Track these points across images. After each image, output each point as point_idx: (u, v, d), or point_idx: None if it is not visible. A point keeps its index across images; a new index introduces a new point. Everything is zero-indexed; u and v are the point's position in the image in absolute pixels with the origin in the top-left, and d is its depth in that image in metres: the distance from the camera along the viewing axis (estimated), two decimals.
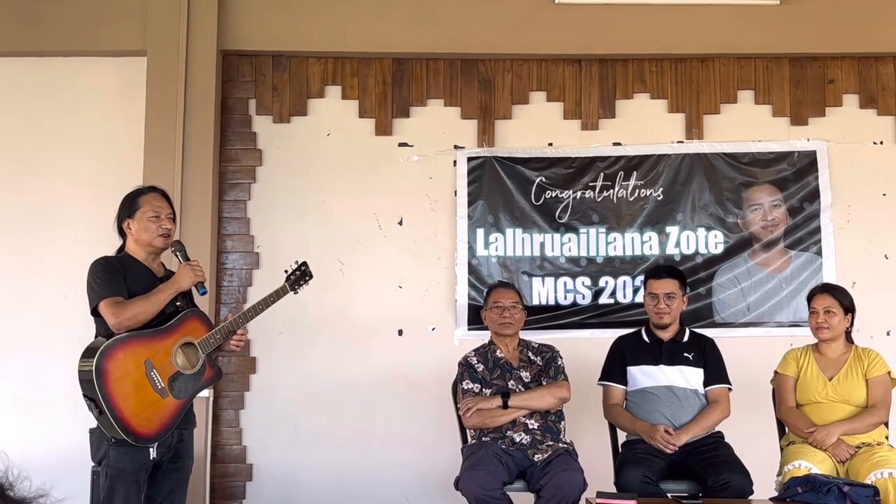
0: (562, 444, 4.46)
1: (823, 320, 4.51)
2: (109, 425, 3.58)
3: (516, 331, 4.72)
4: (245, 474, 5.57)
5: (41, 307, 5.58)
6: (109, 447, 3.64)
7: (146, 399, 3.66)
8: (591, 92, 5.81)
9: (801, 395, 4.53)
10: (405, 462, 5.53)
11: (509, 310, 4.69)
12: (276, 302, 4.13)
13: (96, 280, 3.79)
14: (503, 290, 4.86)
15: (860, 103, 5.80)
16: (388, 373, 5.61)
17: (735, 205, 5.72)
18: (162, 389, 3.71)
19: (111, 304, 3.72)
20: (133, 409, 3.61)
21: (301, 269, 4.31)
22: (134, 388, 3.63)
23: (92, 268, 3.86)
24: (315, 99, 5.83)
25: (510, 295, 4.77)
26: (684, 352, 4.69)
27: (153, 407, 3.68)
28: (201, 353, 3.86)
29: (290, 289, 4.23)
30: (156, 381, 3.69)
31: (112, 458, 3.64)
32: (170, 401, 3.73)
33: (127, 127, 5.64)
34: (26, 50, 5.73)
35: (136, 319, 3.72)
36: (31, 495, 1.24)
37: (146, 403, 3.65)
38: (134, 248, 3.94)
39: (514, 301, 4.73)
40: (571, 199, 5.73)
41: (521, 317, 4.75)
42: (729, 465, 4.30)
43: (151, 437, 3.67)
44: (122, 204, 4.00)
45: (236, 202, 5.75)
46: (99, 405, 3.55)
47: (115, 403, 3.56)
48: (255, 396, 5.63)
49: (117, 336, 3.68)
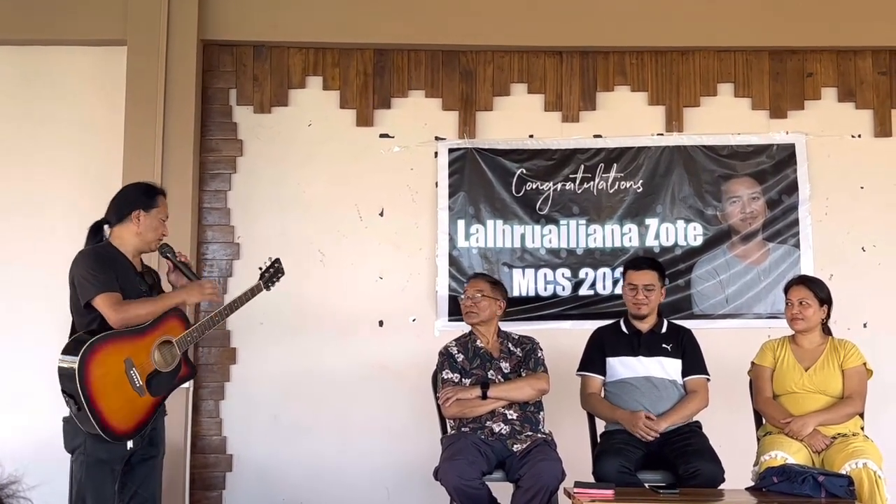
0: (540, 434, 4.48)
1: (798, 311, 4.55)
2: (86, 420, 3.57)
3: (481, 320, 4.69)
4: (225, 464, 5.57)
5: (19, 297, 5.55)
6: (87, 437, 3.64)
7: (124, 397, 3.66)
8: (571, 84, 5.83)
9: (778, 385, 4.57)
10: (385, 452, 5.54)
11: (472, 298, 4.70)
12: (250, 300, 4.16)
13: (91, 272, 3.73)
14: (473, 279, 4.90)
15: (839, 97, 5.84)
16: (368, 363, 5.62)
17: (714, 197, 5.75)
18: (140, 388, 3.71)
19: (111, 300, 3.69)
20: (111, 407, 3.61)
21: (274, 266, 4.36)
22: (113, 386, 3.63)
23: (83, 260, 3.80)
24: (296, 89, 5.82)
25: (476, 284, 4.77)
26: (662, 343, 4.72)
27: (130, 405, 3.69)
28: (178, 350, 3.86)
29: (263, 286, 4.27)
30: (135, 380, 3.69)
31: (89, 448, 3.65)
32: (146, 398, 3.74)
33: (107, 117, 5.61)
34: (4, 38, 5.69)
35: (138, 320, 3.74)
36: (3, 481, 1.25)
37: (124, 401, 3.66)
38: (125, 240, 3.89)
39: (478, 289, 4.72)
40: (552, 190, 5.75)
41: (488, 305, 4.69)
42: (700, 453, 4.33)
43: (127, 434, 3.69)
44: (136, 193, 3.97)
45: (217, 192, 5.73)
46: (78, 402, 3.54)
47: (94, 401, 3.55)
48: (235, 387, 5.62)
49: (102, 334, 3.65)
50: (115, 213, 3.91)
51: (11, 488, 1.25)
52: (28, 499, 1.25)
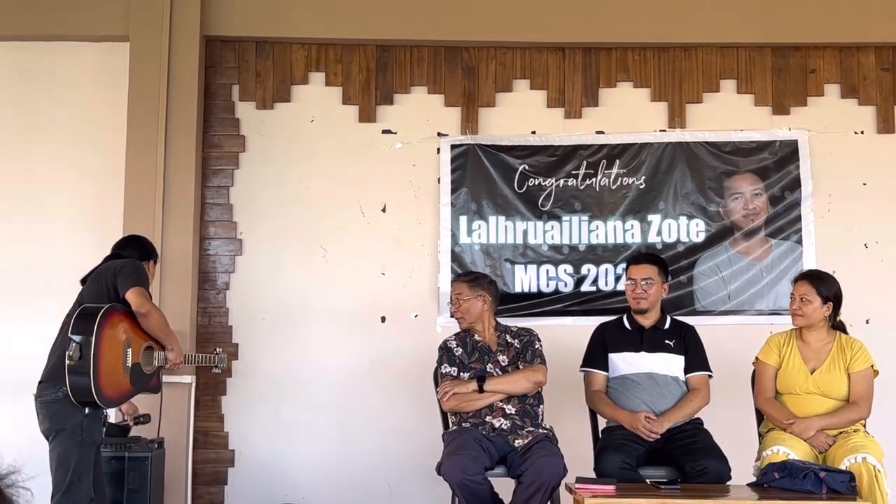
0: (542, 429, 4.47)
1: (798, 307, 4.51)
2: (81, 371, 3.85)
3: (472, 321, 4.67)
4: (227, 460, 5.58)
5: (21, 294, 5.55)
6: (84, 417, 3.90)
7: (116, 367, 4.04)
8: (574, 80, 5.82)
9: (782, 384, 4.52)
10: (387, 448, 5.55)
11: (454, 304, 4.70)
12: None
13: (140, 275, 4.21)
14: (453, 284, 5.00)
15: (841, 93, 5.84)
16: (370, 359, 5.63)
17: (717, 193, 5.75)
18: (127, 368, 4.07)
19: (147, 294, 4.18)
20: (105, 369, 3.94)
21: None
22: (112, 352, 4.02)
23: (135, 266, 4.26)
24: (298, 85, 5.82)
25: (455, 289, 4.76)
26: (665, 339, 4.70)
27: (117, 377, 4.06)
28: (156, 362, 4.30)
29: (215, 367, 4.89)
30: (127, 359, 4.06)
31: (87, 427, 3.92)
32: (127, 382, 4.09)
33: (109, 113, 5.62)
34: (6, 34, 5.70)
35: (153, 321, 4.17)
36: (2, 472, 1.26)
37: (114, 371, 4.03)
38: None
39: (456, 294, 4.71)
40: (554, 186, 5.75)
41: (470, 305, 4.65)
42: (707, 451, 4.33)
43: (106, 401, 4.01)
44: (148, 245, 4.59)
45: (219, 188, 5.74)
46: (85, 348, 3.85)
47: (100, 350, 3.92)
48: (237, 383, 5.63)
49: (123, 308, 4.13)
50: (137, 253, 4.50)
51: (11, 478, 1.26)
52: (27, 488, 1.26)
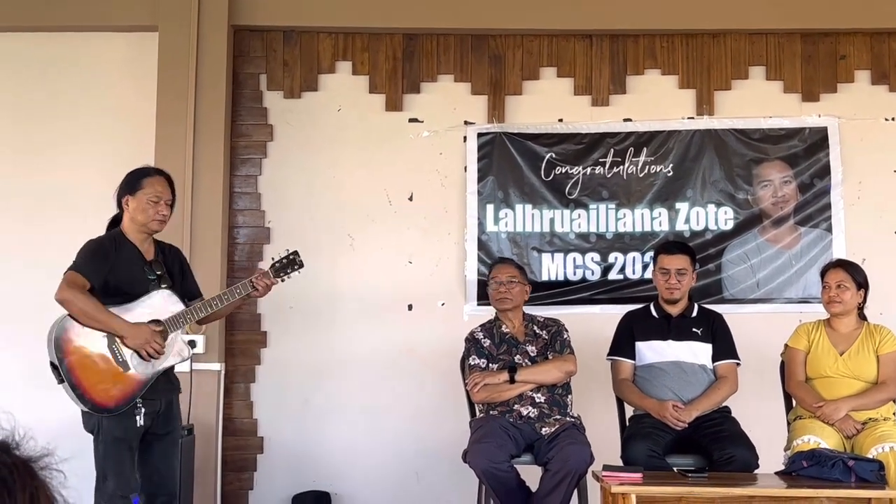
0: (569, 417, 4.48)
1: (835, 294, 4.49)
2: (73, 395, 3.73)
3: (514, 305, 4.70)
4: (256, 447, 5.63)
5: (50, 282, 5.59)
6: (101, 418, 3.77)
7: (106, 370, 3.77)
8: (601, 67, 5.80)
9: (812, 368, 4.53)
10: (414, 436, 5.57)
11: (505, 284, 4.69)
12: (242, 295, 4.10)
13: (81, 256, 3.89)
14: (501, 265, 4.88)
15: (872, 79, 5.77)
16: (397, 347, 5.64)
17: (745, 181, 5.71)
18: (123, 362, 3.81)
19: (74, 281, 3.81)
20: (90, 380, 3.75)
21: (289, 258, 4.25)
22: (92, 359, 3.77)
23: (86, 244, 3.94)
24: (326, 74, 5.83)
25: (507, 270, 4.76)
26: (693, 327, 4.69)
27: (113, 379, 3.79)
28: (169, 331, 3.90)
29: (274, 275, 4.18)
30: (117, 354, 3.81)
31: (105, 427, 3.78)
32: (133, 374, 3.81)
33: (138, 103, 5.65)
34: (37, 25, 5.74)
35: (76, 311, 3.80)
36: (36, 454, 1.28)
37: (105, 375, 3.77)
38: (128, 226, 3.99)
39: (510, 276, 4.71)
40: (581, 175, 5.73)
41: (520, 290, 4.72)
42: (734, 439, 4.32)
43: (110, 408, 3.77)
44: (125, 179, 4.03)
45: (247, 177, 5.77)
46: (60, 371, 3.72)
47: (73, 373, 3.72)
48: (266, 370, 5.67)
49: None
50: (116, 204, 4.04)
51: (45, 461, 1.28)
52: (61, 471, 1.28)
